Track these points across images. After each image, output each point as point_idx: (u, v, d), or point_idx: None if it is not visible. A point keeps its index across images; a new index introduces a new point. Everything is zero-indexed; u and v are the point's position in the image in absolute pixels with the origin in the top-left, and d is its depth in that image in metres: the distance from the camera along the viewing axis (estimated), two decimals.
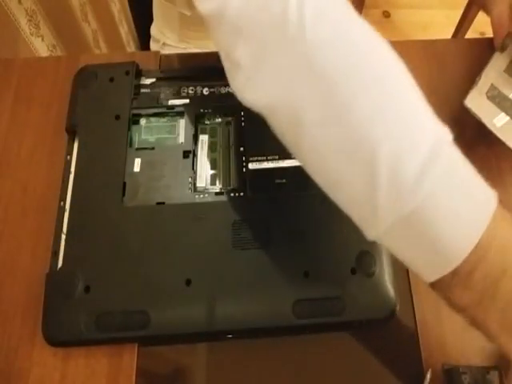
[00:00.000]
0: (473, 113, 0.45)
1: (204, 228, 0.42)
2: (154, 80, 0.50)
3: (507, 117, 0.45)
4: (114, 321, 0.40)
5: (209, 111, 0.48)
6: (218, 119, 0.49)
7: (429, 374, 0.39)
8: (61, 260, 0.42)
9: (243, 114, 0.48)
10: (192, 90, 0.50)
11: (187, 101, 0.49)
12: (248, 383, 0.41)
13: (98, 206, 0.44)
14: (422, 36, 1.49)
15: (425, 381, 0.39)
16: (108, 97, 0.49)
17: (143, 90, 0.50)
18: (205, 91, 0.50)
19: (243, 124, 0.48)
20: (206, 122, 0.49)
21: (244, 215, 0.43)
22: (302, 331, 0.41)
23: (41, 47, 0.70)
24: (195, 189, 0.45)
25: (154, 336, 0.40)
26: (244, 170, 0.45)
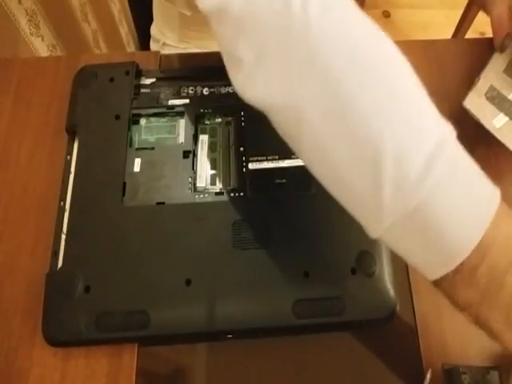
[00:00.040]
0: (472, 114, 0.45)
1: (204, 228, 0.42)
2: (154, 80, 0.50)
3: (506, 117, 0.45)
4: (114, 321, 0.40)
5: (209, 111, 0.48)
6: (218, 119, 0.49)
7: (429, 374, 0.39)
8: (61, 260, 0.42)
9: (243, 114, 0.48)
10: (192, 90, 0.50)
11: (187, 101, 0.49)
12: (248, 383, 0.41)
13: (98, 206, 0.44)
14: (422, 36, 1.49)
15: (425, 381, 0.39)
16: (108, 97, 0.49)
17: (143, 90, 0.50)
18: (205, 91, 0.50)
19: (243, 124, 0.48)
20: (206, 122, 0.49)
21: (244, 215, 0.43)
22: (302, 331, 0.41)
23: (41, 47, 0.70)
24: (195, 189, 0.45)
25: (154, 336, 0.40)
26: (244, 170, 0.45)
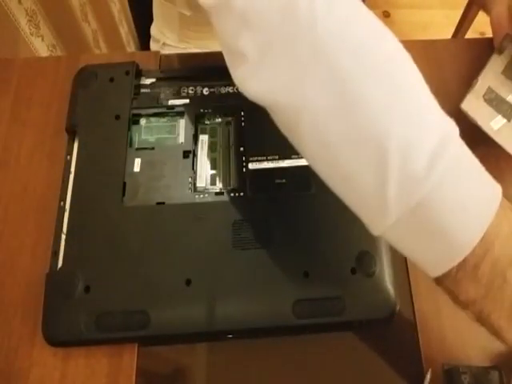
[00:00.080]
0: (469, 117, 0.45)
1: (204, 228, 0.42)
2: (154, 80, 0.50)
3: (504, 119, 0.45)
4: (114, 321, 0.40)
5: (209, 111, 0.48)
6: (218, 119, 0.49)
7: (429, 374, 0.39)
8: (61, 260, 0.42)
9: (243, 114, 0.48)
10: (192, 90, 0.50)
11: (187, 101, 0.49)
12: (248, 383, 0.41)
13: (98, 206, 0.44)
14: (422, 36, 1.49)
15: (425, 381, 0.39)
16: (108, 97, 0.49)
17: (143, 90, 0.50)
18: (205, 91, 0.50)
19: (243, 124, 0.48)
20: (206, 122, 0.49)
21: (244, 215, 0.43)
22: (302, 331, 0.41)
23: (41, 47, 0.70)
24: (195, 189, 0.45)
25: (154, 336, 0.40)
26: (244, 170, 0.45)
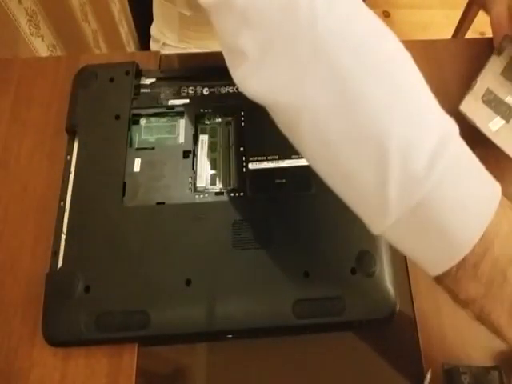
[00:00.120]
0: (468, 118, 0.45)
1: (204, 228, 0.42)
2: (154, 80, 0.50)
3: (503, 121, 0.45)
4: (114, 321, 0.40)
5: (209, 111, 0.48)
6: (218, 119, 0.49)
7: (429, 374, 0.39)
8: (61, 260, 0.42)
9: (243, 114, 0.48)
10: (192, 90, 0.50)
11: (187, 101, 0.49)
12: (248, 383, 0.41)
13: (98, 206, 0.44)
14: (422, 36, 1.49)
15: (425, 381, 0.39)
16: (108, 97, 0.49)
17: (143, 90, 0.50)
18: (205, 91, 0.50)
19: (243, 124, 0.48)
20: (206, 122, 0.49)
21: (244, 215, 0.43)
22: (302, 331, 0.41)
23: (41, 47, 0.70)
24: (195, 189, 0.45)
25: (154, 336, 0.40)
26: (244, 170, 0.45)
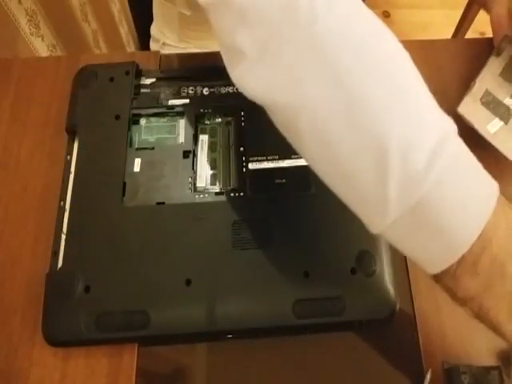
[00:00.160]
0: (466, 120, 0.45)
1: (204, 228, 0.42)
2: (154, 80, 0.50)
3: (501, 122, 0.45)
4: (114, 321, 0.40)
5: (209, 111, 0.48)
6: (218, 119, 0.49)
7: (429, 374, 0.39)
8: (61, 260, 0.42)
9: (243, 114, 0.48)
10: (192, 90, 0.50)
11: (187, 101, 0.49)
12: (248, 383, 0.41)
13: (98, 206, 0.44)
14: (422, 36, 1.49)
15: (425, 381, 0.39)
16: (108, 97, 0.49)
17: (143, 90, 0.50)
18: (205, 91, 0.50)
19: (243, 124, 0.48)
20: (206, 122, 0.49)
21: (244, 215, 0.43)
22: (302, 331, 0.41)
23: (41, 47, 0.70)
24: (195, 189, 0.45)
25: (154, 336, 0.40)
26: (244, 170, 0.45)
